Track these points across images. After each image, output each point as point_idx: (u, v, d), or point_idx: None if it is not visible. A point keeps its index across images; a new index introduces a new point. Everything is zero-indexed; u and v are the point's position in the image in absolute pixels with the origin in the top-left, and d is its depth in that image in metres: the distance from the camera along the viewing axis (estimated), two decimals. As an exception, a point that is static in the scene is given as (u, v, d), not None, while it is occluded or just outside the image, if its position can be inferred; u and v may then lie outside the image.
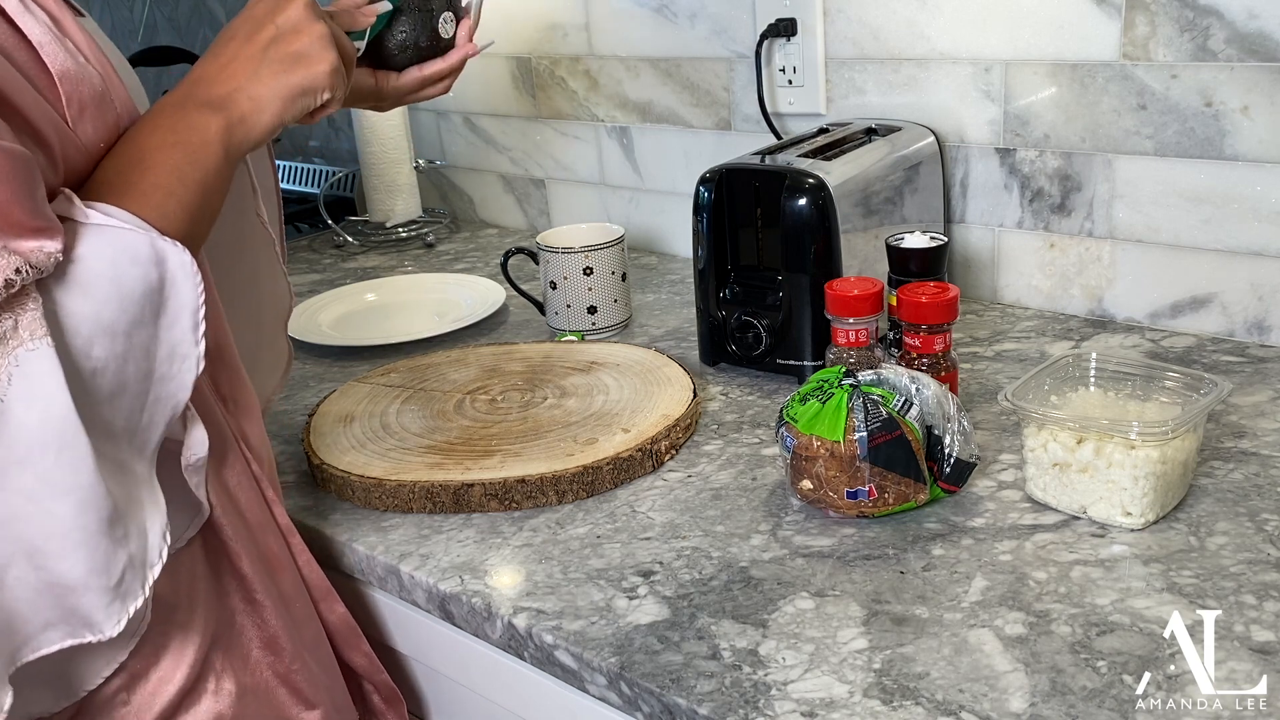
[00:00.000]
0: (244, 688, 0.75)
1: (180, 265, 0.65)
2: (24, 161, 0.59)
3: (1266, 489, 0.82)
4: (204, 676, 0.73)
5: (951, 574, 0.75)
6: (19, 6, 0.64)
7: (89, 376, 0.61)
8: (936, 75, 1.20)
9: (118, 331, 0.62)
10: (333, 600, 0.85)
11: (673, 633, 0.71)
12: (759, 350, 1.07)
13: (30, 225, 0.58)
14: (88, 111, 0.66)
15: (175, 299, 0.65)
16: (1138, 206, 1.11)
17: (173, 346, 0.65)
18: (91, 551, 0.60)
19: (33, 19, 0.65)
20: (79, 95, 0.66)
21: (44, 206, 0.60)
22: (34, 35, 0.64)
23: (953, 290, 0.92)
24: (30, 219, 0.59)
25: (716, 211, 1.07)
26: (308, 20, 0.75)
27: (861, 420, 0.79)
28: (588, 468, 0.89)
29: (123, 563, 0.62)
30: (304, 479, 0.97)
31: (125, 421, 0.64)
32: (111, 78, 0.69)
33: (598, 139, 1.57)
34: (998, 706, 0.62)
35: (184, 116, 0.70)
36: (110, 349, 0.62)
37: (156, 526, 0.64)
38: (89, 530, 0.60)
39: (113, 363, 0.62)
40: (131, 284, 0.63)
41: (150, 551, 0.63)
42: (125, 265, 0.63)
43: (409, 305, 1.41)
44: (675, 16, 1.41)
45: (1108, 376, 0.85)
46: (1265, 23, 0.99)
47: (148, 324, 0.64)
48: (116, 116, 0.69)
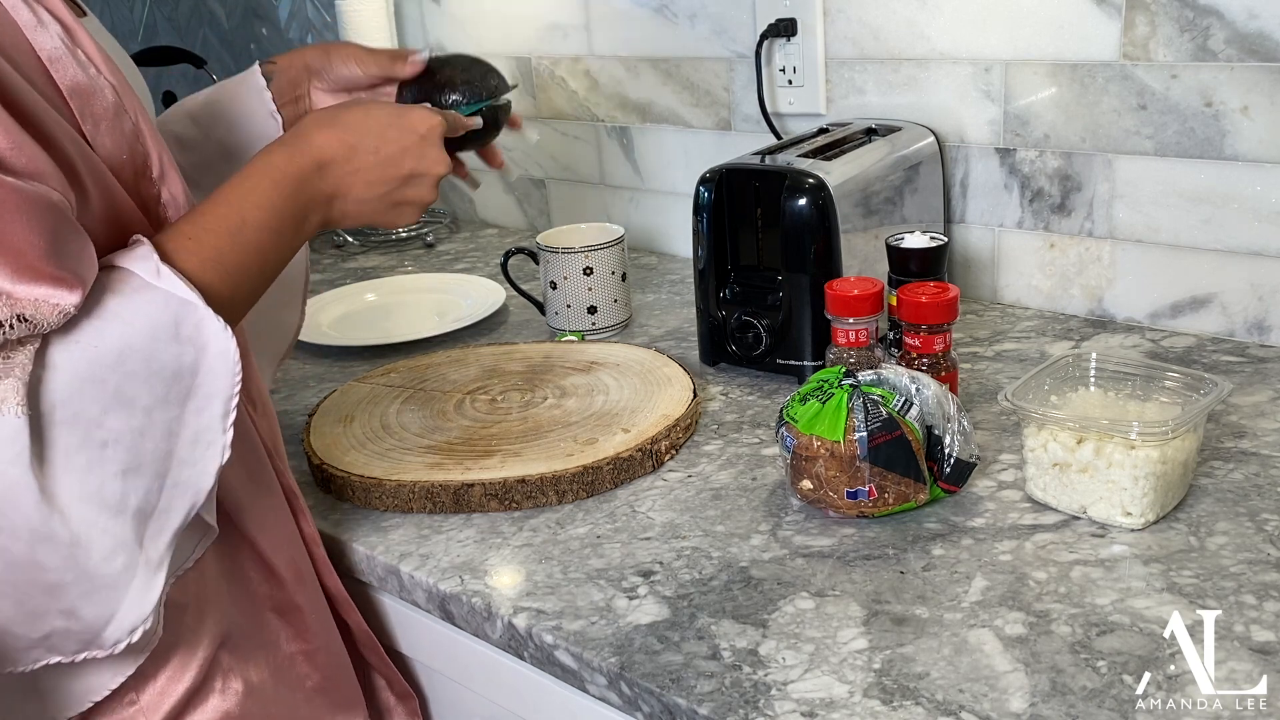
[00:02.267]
0: (251, 686, 0.75)
1: (221, 354, 0.64)
2: (53, 207, 0.58)
3: (1266, 489, 0.82)
4: (212, 676, 0.73)
5: (951, 574, 0.75)
6: (32, 20, 0.63)
7: (98, 446, 0.59)
8: (936, 75, 1.20)
9: (137, 406, 0.61)
10: (349, 608, 0.85)
11: (673, 633, 0.71)
12: (759, 350, 1.07)
13: (46, 272, 0.57)
14: (103, 125, 0.66)
15: (209, 385, 0.64)
16: (1138, 206, 1.11)
17: (198, 432, 0.64)
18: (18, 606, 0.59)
19: (46, 33, 0.64)
20: (92, 111, 0.65)
21: (68, 257, 0.58)
22: (45, 50, 0.63)
23: (953, 290, 0.92)
24: (46, 265, 0.57)
25: (716, 211, 1.07)
26: (436, 173, 0.80)
27: (861, 420, 0.79)
28: (588, 468, 0.89)
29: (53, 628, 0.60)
30: (304, 479, 0.97)
31: (140, 502, 0.62)
32: (123, 86, 0.69)
33: (598, 139, 1.57)
34: (998, 706, 0.62)
35: (296, 206, 0.73)
36: (128, 423, 0.60)
37: (127, 620, 0.62)
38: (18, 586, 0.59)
39: (128, 437, 0.60)
40: (165, 360, 0.62)
41: (102, 639, 0.62)
42: (165, 340, 0.61)
43: (409, 305, 1.41)
44: (675, 16, 1.41)
45: (1108, 376, 0.85)
46: (1265, 23, 0.99)
47: (173, 405, 0.62)
48: (134, 126, 0.68)
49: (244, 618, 0.76)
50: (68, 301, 0.58)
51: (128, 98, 0.68)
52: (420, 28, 1.72)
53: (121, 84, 0.68)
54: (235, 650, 0.75)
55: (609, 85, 1.52)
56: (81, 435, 0.59)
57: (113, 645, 0.62)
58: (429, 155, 0.79)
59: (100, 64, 0.67)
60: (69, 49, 0.65)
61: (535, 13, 1.56)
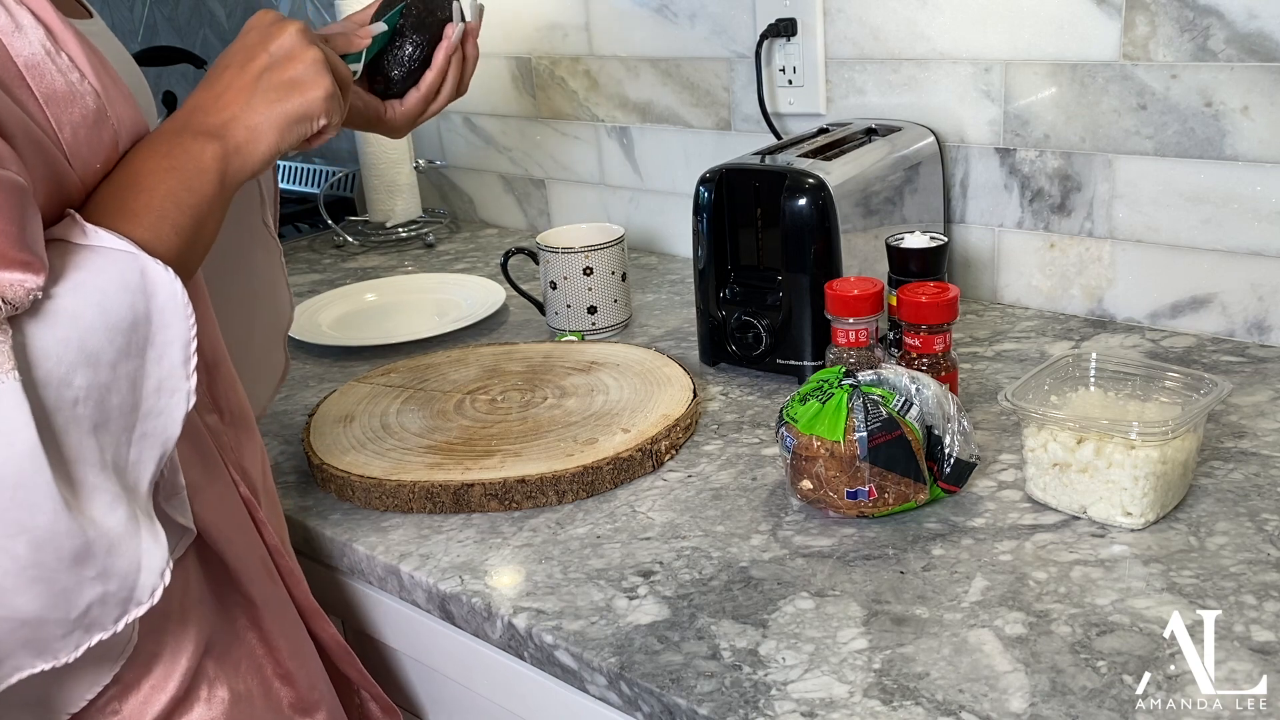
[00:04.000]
0: (237, 695, 0.74)
1: (171, 296, 0.63)
2: (17, 191, 0.58)
3: (1266, 489, 0.82)
4: (196, 684, 0.72)
5: (951, 574, 0.75)
6: (10, 24, 0.63)
7: (70, 405, 0.59)
8: (936, 75, 1.20)
9: (101, 362, 0.60)
10: (321, 621, 0.83)
11: (673, 633, 0.71)
12: (759, 350, 1.07)
13: (15, 258, 0.57)
14: (80, 134, 0.65)
15: (164, 331, 0.63)
16: (1138, 206, 1.11)
17: (161, 380, 0.63)
18: (48, 587, 0.58)
19: (24, 38, 0.63)
20: (69, 118, 0.64)
21: (33, 241, 0.59)
22: (22, 57, 0.63)
23: (953, 290, 0.92)
24: (16, 251, 0.57)
25: (716, 211, 1.07)
26: (300, 46, 0.74)
27: (861, 420, 0.79)
28: (588, 468, 0.89)
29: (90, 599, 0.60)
30: (304, 479, 0.97)
31: (113, 456, 0.61)
32: (110, 92, 0.68)
33: (598, 139, 1.57)
34: (998, 706, 0.62)
35: (180, 143, 0.70)
36: (93, 378, 0.60)
37: (154, 563, 0.62)
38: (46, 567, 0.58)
39: (95, 392, 0.60)
40: (119, 312, 0.61)
41: (140, 590, 0.61)
42: (114, 292, 0.61)
43: (409, 305, 1.41)
44: (675, 16, 1.41)
45: (1108, 376, 0.85)
46: (1265, 23, 0.99)
47: (134, 356, 0.62)
48: (114, 135, 0.67)
49: (226, 626, 0.75)
50: (34, 283, 0.58)
51: (116, 106, 0.67)
52: (420, 28, 1.72)
53: (108, 90, 0.67)
54: (220, 659, 0.74)
55: (609, 85, 1.52)
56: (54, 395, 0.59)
57: (151, 594, 0.62)
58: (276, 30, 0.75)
59: (86, 70, 0.66)
60: (50, 55, 0.64)
61: (535, 13, 1.56)
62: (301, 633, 0.81)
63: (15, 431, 0.56)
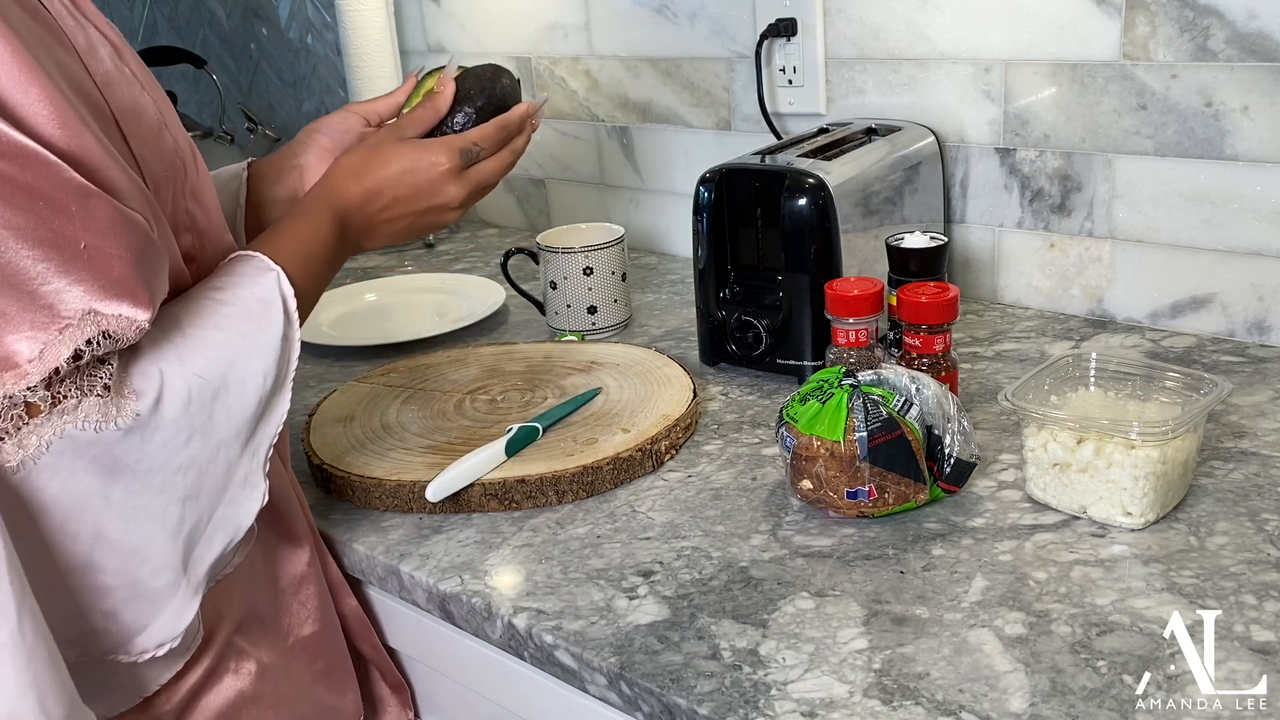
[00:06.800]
0: (264, 666, 0.77)
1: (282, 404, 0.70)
2: (136, 227, 0.60)
3: (1266, 489, 0.82)
4: (226, 657, 0.74)
5: (951, 574, 0.75)
6: (86, 45, 0.63)
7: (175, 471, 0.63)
8: (936, 75, 1.20)
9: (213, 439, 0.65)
10: (344, 593, 0.86)
11: (673, 633, 0.71)
12: (759, 350, 1.07)
13: (128, 289, 0.59)
14: (149, 145, 0.66)
15: (264, 430, 0.69)
16: (1138, 206, 1.11)
17: (247, 475, 0.67)
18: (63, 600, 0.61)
19: (96, 56, 0.64)
20: (140, 130, 0.66)
21: (147, 275, 0.61)
22: (99, 75, 0.64)
23: (953, 290, 0.92)
24: (129, 283, 0.59)
25: (716, 211, 1.07)
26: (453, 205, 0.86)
27: (861, 420, 0.79)
28: (588, 468, 0.89)
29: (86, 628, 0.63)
30: (304, 479, 0.97)
31: (191, 529, 0.65)
32: (160, 101, 0.69)
33: (598, 139, 1.57)
34: (998, 706, 0.62)
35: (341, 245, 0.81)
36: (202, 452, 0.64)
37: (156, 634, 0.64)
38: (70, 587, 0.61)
39: (199, 464, 0.64)
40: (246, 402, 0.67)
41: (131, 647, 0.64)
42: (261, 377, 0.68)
43: (409, 305, 1.41)
44: (675, 16, 1.41)
45: (1108, 376, 0.85)
46: (1265, 23, 0.99)
47: (234, 444, 0.66)
48: (173, 142, 0.69)
49: (259, 600, 0.78)
50: (143, 318, 0.60)
51: (167, 114, 0.69)
52: (420, 28, 1.72)
53: (158, 100, 0.68)
54: (248, 633, 0.76)
55: (609, 85, 1.52)
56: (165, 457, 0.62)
57: (138, 654, 0.64)
58: (444, 192, 0.84)
59: (144, 80, 0.67)
60: (118, 68, 0.65)
61: (535, 13, 1.56)
62: (328, 605, 0.83)
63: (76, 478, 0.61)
